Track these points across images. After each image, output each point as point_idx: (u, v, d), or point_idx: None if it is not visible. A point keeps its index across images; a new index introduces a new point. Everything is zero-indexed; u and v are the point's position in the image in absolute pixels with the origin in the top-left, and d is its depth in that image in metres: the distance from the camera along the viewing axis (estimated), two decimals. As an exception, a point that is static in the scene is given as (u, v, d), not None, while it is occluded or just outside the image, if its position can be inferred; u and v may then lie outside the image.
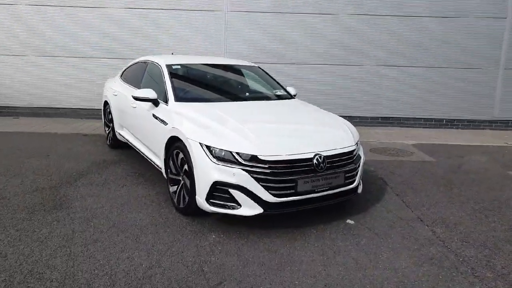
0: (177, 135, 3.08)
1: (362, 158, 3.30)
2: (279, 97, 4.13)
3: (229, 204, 2.74)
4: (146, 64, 4.41)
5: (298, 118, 3.52)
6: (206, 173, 2.74)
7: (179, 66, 4.00)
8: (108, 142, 5.25)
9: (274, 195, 2.69)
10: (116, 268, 2.33)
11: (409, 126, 7.50)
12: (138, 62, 4.72)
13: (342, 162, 3.01)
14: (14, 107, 7.37)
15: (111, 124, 4.98)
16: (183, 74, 4.00)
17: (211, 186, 2.73)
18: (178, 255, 2.50)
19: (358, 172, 3.15)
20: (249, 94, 4.18)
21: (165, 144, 3.27)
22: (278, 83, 4.42)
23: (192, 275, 2.29)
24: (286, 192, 2.72)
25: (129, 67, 4.97)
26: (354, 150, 3.14)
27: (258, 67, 4.62)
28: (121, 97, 4.62)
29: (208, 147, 2.79)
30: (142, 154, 4.06)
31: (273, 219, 3.03)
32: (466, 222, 3.20)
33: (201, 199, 2.81)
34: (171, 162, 3.20)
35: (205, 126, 3.00)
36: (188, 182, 2.95)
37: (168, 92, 3.58)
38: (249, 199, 2.69)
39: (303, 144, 2.90)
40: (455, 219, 3.25)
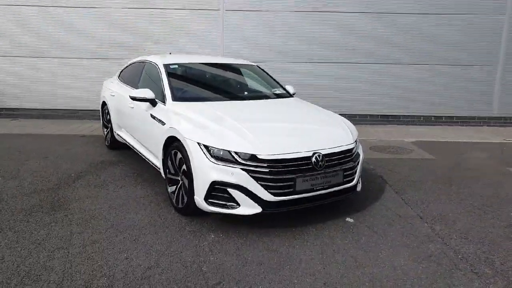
0: (175, 135, 3.07)
1: (361, 156, 3.29)
2: (278, 96, 4.12)
3: (228, 203, 2.73)
4: (143, 64, 4.39)
5: (296, 117, 3.51)
6: (205, 173, 2.73)
7: (177, 66, 3.98)
8: (106, 143, 5.23)
9: (273, 194, 2.69)
10: (114, 269, 2.32)
11: (408, 124, 7.50)
12: (136, 62, 4.71)
13: (341, 160, 3.00)
14: (12, 109, 7.35)
15: (109, 124, 4.96)
16: (181, 74, 3.99)
17: (210, 186, 2.72)
18: (177, 255, 2.49)
19: (357, 170, 3.15)
20: (247, 93, 4.17)
21: (163, 144, 3.26)
22: (276, 82, 4.40)
23: (191, 275, 2.28)
24: (285, 191, 2.71)
25: (126, 67, 4.96)
26: (353, 148, 3.13)
27: (257, 66, 4.60)
28: (119, 97, 4.60)
29: (206, 147, 2.78)
30: (141, 155, 4.05)
31: (272, 218, 3.03)
32: (465, 219, 3.20)
33: (199, 199, 2.80)
34: (170, 162, 3.19)
35: (203, 125, 2.99)
36: (186, 182, 2.94)
37: (165, 91, 3.57)
38: (248, 199, 2.68)
39: (302, 142, 2.89)
40: (454, 216, 3.24)
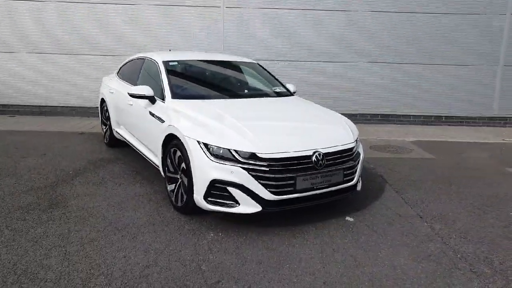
0: (174, 133, 3.04)
1: (362, 155, 3.27)
2: (278, 94, 4.09)
3: (227, 202, 2.72)
4: (142, 60, 4.36)
5: (297, 115, 3.48)
6: (204, 171, 2.71)
7: (176, 63, 3.95)
8: (105, 141, 5.20)
9: (272, 193, 2.67)
10: (112, 267, 2.30)
11: (408, 124, 7.49)
12: (135, 59, 4.67)
13: (341, 159, 2.98)
14: (10, 105, 7.30)
15: (108, 122, 4.93)
16: (180, 71, 3.96)
17: (209, 185, 2.70)
18: (175, 254, 2.47)
19: (357, 169, 3.13)
20: (247, 91, 4.15)
21: (162, 142, 3.24)
22: (277, 80, 4.38)
23: (189, 274, 2.26)
24: (285, 189, 2.70)
25: (125, 64, 4.92)
26: (353, 147, 3.12)
27: (257, 64, 4.58)
28: (117, 94, 4.57)
29: (206, 145, 2.75)
30: (140, 152, 4.02)
31: (271, 217, 3.01)
32: (464, 218, 3.19)
33: (199, 198, 2.78)
34: (169, 160, 3.17)
35: (202, 123, 2.97)
36: (186, 181, 2.92)
37: (165, 89, 3.54)
38: (247, 197, 2.66)
39: (302, 141, 2.87)
40: (454, 216, 3.23)
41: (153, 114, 3.47)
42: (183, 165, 2.93)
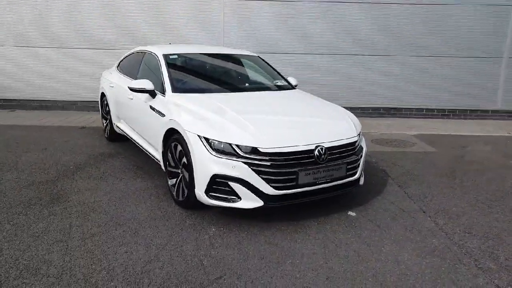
0: (175, 127, 3.01)
1: (364, 150, 3.24)
2: (280, 87, 4.04)
3: (229, 197, 2.69)
4: (142, 54, 4.30)
5: (299, 109, 3.44)
6: (205, 166, 2.68)
7: (177, 56, 3.90)
8: (105, 135, 5.18)
9: (274, 188, 2.64)
10: (114, 262, 2.29)
11: (411, 117, 7.42)
12: (135, 52, 4.62)
13: (344, 154, 2.95)
14: (10, 100, 7.27)
15: (109, 116, 4.90)
16: (181, 64, 3.91)
17: (211, 179, 2.67)
18: (177, 249, 2.46)
19: (360, 163, 3.10)
20: (249, 84, 4.09)
21: (163, 136, 3.21)
22: (278, 73, 4.32)
23: (191, 269, 2.25)
24: (287, 184, 2.67)
25: (125, 58, 4.87)
26: (356, 141, 3.08)
27: (258, 57, 4.51)
28: (117, 88, 4.53)
29: (207, 140, 2.72)
30: (140, 147, 4.00)
31: (273, 212, 2.99)
32: (469, 213, 3.16)
33: (200, 192, 2.76)
34: (170, 155, 3.14)
35: (203, 118, 2.93)
36: (187, 175, 2.89)
37: (165, 82, 3.49)
38: (249, 192, 2.64)
39: (304, 135, 2.84)
40: (458, 210, 3.20)
41: (153, 108, 3.43)
42: (184, 159, 2.91)
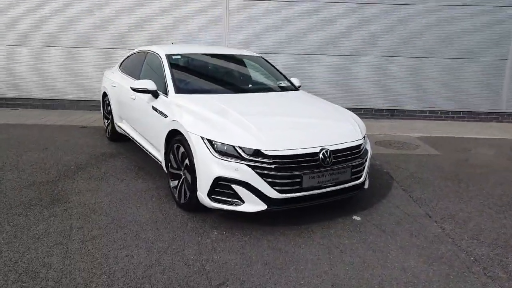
0: (177, 128, 2.97)
1: (369, 153, 3.18)
2: (283, 88, 3.99)
3: (231, 200, 2.65)
4: (145, 54, 4.26)
5: (303, 111, 3.39)
6: (208, 168, 2.64)
7: (180, 56, 3.86)
8: (107, 135, 5.14)
9: (278, 191, 2.59)
10: (114, 266, 2.24)
11: (414, 119, 7.35)
12: (137, 52, 4.58)
13: (348, 157, 2.90)
14: (12, 98, 7.23)
15: (110, 116, 4.86)
16: (184, 65, 3.86)
17: (213, 182, 2.63)
18: (179, 253, 2.41)
19: (365, 167, 3.04)
20: (252, 85, 4.05)
21: (165, 137, 3.16)
22: (282, 74, 4.27)
23: (193, 275, 2.20)
24: (291, 188, 2.62)
25: (127, 57, 4.83)
26: (361, 144, 3.03)
27: (261, 57, 4.47)
28: (120, 88, 4.49)
29: (210, 141, 2.67)
30: (142, 147, 3.96)
31: (276, 215, 2.94)
32: (475, 218, 3.11)
33: (203, 195, 2.71)
34: (172, 156, 3.10)
35: (206, 119, 2.89)
36: (189, 177, 2.85)
37: (168, 83, 3.45)
38: (252, 195, 2.59)
39: (309, 138, 2.79)
40: (464, 215, 3.15)
41: (156, 109, 3.39)
42: (187, 161, 2.86)
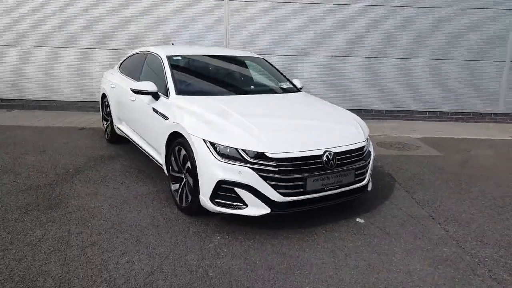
0: (178, 131, 2.92)
1: (372, 154, 3.16)
2: (285, 90, 3.96)
3: (234, 204, 2.60)
4: (145, 55, 4.21)
5: (305, 113, 3.35)
6: (211, 171, 2.59)
7: (180, 58, 3.81)
8: (106, 137, 5.07)
9: (282, 194, 2.55)
10: (115, 273, 2.19)
11: (413, 119, 7.35)
12: (137, 53, 4.52)
13: (352, 159, 2.86)
14: (8, 100, 7.14)
15: (110, 117, 4.80)
16: (185, 66, 3.82)
17: (216, 185, 2.58)
18: (181, 259, 2.36)
19: (368, 169, 3.02)
20: (254, 87, 4.01)
21: (166, 140, 3.11)
22: (283, 75, 4.24)
23: (196, 281, 2.15)
24: (294, 191, 2.58)
25: (127, 58, 4.77)
26: (364, 146, 3.00)
27: (262, 59, 4.43)
28: (119, 89, 4.43)
29: (212, 144, 2.63)
30: (142, 150, 3.90)
31: (279, 219, 2.90)
32: (478, 220, 3.09)
33: (205, 199, 2.66)
34: (173, 159, 3.05)
35: (208, 121, 2.84)
36: (191, 181, 2.80)
37: (168, 84, 3.40)
38: (256, 199, 2.55)
39: (312, 140, 2.75)
40: (467, 217, 3.13)
41: (156, 111, 3.34)
42: (188, 164, 2.82)
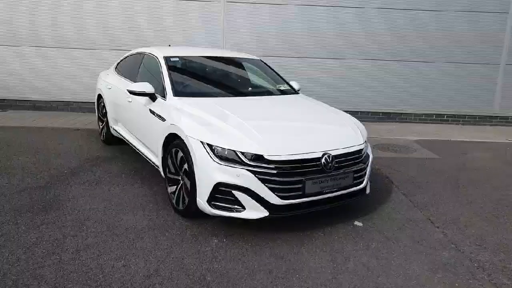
0: (176, 132, 2.89)
1: (371, 157, 3.15)
2: (283, 92, 3.94)
3: (232, 207, 2.57)
4: (142, 56, 4.17)
5: (304, 115, 3.34)
6: (208, 173, 2.56)
7: (178, 59, 3.77)
8: (102, 138, 5.02)
9: (280, 197, 2.53)
10: (110, 278, 2.15)
11: (410, 122, 7.38)
12: (134, 54, 4.48)
13: (350, 162, 2.85)
14: (2, 100, 7.05)
15: (105, 118, 4.75)
16: (182, 67, 3.78)
17: (214, 188, 2.55)
18: (178, 262, 2.33)
19: (366, 172, 3.00)
20: (251, 88, 3.99)
21: (163, 141, 3.08)
22: (281, 77, 4.22)
23: (194, 285, 2.12)
24: (293, 194, 2.56)
25: (124, 59, 4.73)
26: (362, 149, 2.99)
27: (260, 60, 4.41)
28: (115, 90, 4.39)
29: (210, 146, 2.60)
30: (138, 151, 3.86)
31: (277, 222, 2.87)
32: (477, 223, 3.08)
33: (202, 201, 2.63)
34: (170, 161, 3.01)
35: (206, 123, 2.81)
36: (188, 183, 2.77)
37: (166, 86, 3.37)
38: (254, 202, 2.52)
39: (311, 142, 2.74)
40: (466, 220, 3.13)
41: (153, 112, 3.30)
42: (186, 166, 2.78)
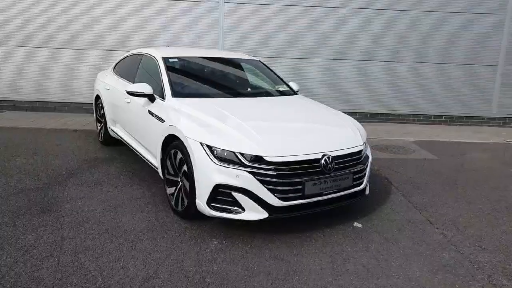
0: (175, 134, 2.87)
1: (370, 158, 3.15)
2: (282, 93, 3.94)
3: (232, 208, 2.56)
4: (140, 56, 4.16)
5: (303, 116, 3.33)
6: (207, 175, 2.55)
7: (176, 59, 3.76)
8: (100, 139, 5.00)
9: (280, 199, 2.52)
10: (109, 280, 2.13)
11: (408, 123, 7.40)
12: (132, 55, 4.47)
13: (350, 163, 2.85)
14: (0, 100, 7.01)
15: (103, 119, 4.73)
16: (181, 68, 3.77)
17: (213, 189, 2.54)
18: (177, 264, 2.31)
19: (366, 173, 3.00)
20: (250, 89, 3.98)
21: (161, 142, 3.07)
22: (280, 78, 4.22)
23: (193, 287, 2.11)
24: (293, 195, 2.55)
25: (122, 60, 4.71)
26: (362, 150, 2.99)
27: (259, 61, 4.41)
28: (114, 91, 4.37)
29: (209, 147, 2.59)
30: (137, 153, 3.84)
31: (277, 223, 2.87)
32: (476, 224, 3.09)
33: (201, 203, 2.62)
34: (169, 162, 3.00)
35: (205, 124, 2.80)
36: (187, 184, 2.75)
37: (165, 87, 3.36)
38: (253, 203, 2.51)
39: (310, 144, 2.73)
40: (465, 221, 3.13)
41: (152, 113, 3.29)
42: (185, 167, 2.77)
